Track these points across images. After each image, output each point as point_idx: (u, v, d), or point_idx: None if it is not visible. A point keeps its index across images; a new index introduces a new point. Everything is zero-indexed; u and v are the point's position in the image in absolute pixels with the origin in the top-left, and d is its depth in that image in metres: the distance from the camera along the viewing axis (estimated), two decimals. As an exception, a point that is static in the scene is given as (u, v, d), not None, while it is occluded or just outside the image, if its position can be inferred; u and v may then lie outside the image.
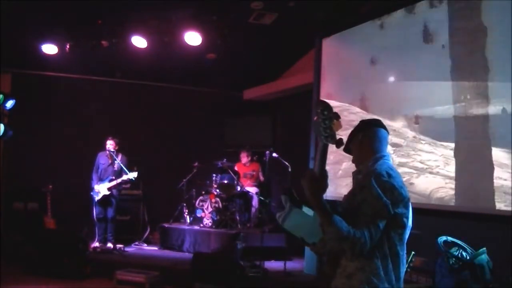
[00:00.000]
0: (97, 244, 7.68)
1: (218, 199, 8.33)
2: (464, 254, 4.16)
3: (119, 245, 7.83)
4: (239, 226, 8.05)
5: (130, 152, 8.12)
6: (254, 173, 8.86)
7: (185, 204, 8.76)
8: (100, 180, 7.76)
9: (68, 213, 8.17)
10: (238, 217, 8.15)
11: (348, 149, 2.46)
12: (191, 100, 9.99)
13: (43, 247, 6.76)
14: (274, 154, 7.82)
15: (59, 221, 8.29)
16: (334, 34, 7.09)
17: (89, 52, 7.78)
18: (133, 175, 7.64)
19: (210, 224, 8.17)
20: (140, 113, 9.52)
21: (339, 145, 2.21)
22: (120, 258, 7.28)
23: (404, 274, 2.30)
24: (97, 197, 7.67)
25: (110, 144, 7.82)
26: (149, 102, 9.67)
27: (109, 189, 7.67)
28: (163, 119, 9.65)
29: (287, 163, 7.69)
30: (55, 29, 7.53)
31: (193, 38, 7.42)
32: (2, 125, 5.93)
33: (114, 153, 7.80)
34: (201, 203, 8.56)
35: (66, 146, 8.92)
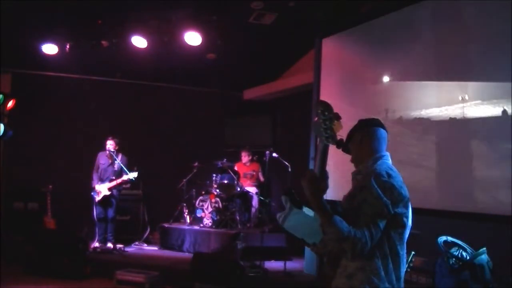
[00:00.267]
0: (97, 244, 7.68)
1: (218, 199, 8.33)
2: (464, 254, 4.16)
3: (119, 245, 7.83)
4: (239, 226, 8.05)
5: (130, 152, 8.12)
6: (254, 173, 8.85)
7: (185, 204, 8.76)
8: (100, 180, 7.76)
9: (68, 213, 8.18)
10: (238, 217, 8.15)
11: (347, 149, 2.45)
12: (191, 100, 9.99)
13: (43, 247, 6.76)
14: (274, 154, 7.82)
15: (59, 221, 8.29)
16: (334, 34, 7.09)
17: (89, 52, 7.79)
18: (133, 175, 7.64)
19: (210, 224, 8.17)
20: (140, 113, 9.51)
21: (339, 145, 2.21)
22: (120, 258, 7.28)
23: (404, 274, 2.30)
24: (98, 197, 7.67)
25: (110, 144, 7.82)
26: (149, 102, 9.67)
27: (109, 189, 7.67)
28: (163, 119, 9.65)
29: (287, 163, 7.69)
30: (55, 29, 7.54)
31: (193, 38, 7.42)
32: (2, 125, 5.92)
33: (114, 153, 7.80)
34: (201, 203, 8.56)
35: (66, 146, 8.92)
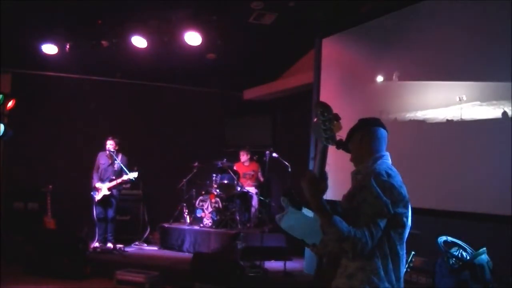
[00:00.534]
0: (97, 244, 7.68)
1: (218, 199, 8.33)
2: (464, 254, 4.15)
3: (119, 245, 7.83)
4: (239, 226, 8.05)
5: (130, 152, 8.12)
6: (254, 173, 8.85)
7: (185, 204, 8.76)
8: (100, 180, 7.76)
9: (68, 213, 8.18)
10: (238, 217, 8.15)
11: (347, 148, 2.44)
12: (191, 100, 9.99)
13: (43, 247, 6.76)
14: (274, 154, 7.82)
15: (59, 221, 8.29)
16: (334, 34, 7.09)
17: (89, 52, 7.80)
18: (133, 175, 7.64)
19: (210, 224, 8.17)
20: (140, 113, 9.51)
21: (339, 146, 2.20)
22: (120, 258, 7.28)
23: (404, 274, 2.30)
24: (97, 195, 7.67)
25: (110, 144, 7.82)
26: (149, 102, 9.67)
27: (109, 189, 7.67)
28: (163, 119, 9.65)
29: (287, 163, 7.69)
30: (55, 29, 7.54)
31: (193, 38, 7.42)
32: (2, 125, 5.92)
33: (114, 153, 7.80)
34: (201, 203, 8.56)
35: (66, 146, 8.92)
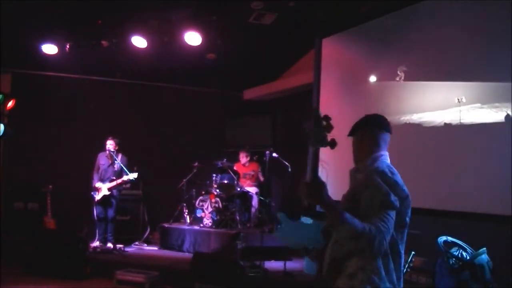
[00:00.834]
0: (97, 244, 7.68)
1: (218, 199, 8.33)
2: (464, 254, 4.16)
3: (119, 245, 7.82)
4: (239, 226, 8.04)
5: (130, 152, 8.11)
6: (254, 173, 8.85)
7: (185, 204, 8.75)
8: (100, 181, 7.75)
9: (68, 213, 8.18)
10: (238, 217, 8.14)
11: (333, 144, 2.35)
12: (191, 100, 9.99)
13: (43, 247, 6.75)
14: (274, 154, 7.83)
15: (59, 221, 8.29)
16: (334, 34, 7.10)
17: (89, 52, 7.79)
18: (134, 175, 7.63)
19: (210, 224, 8.17)
20: (140, 113, 9.51)
21: (333, 146, 2.18)
22: (120, 258, 7.28)
23: (404, 274, 2.30)
24: (97, 195, 7.67)
25: (110, 144, 7.82)
26: (149, 102, 9.66)
27: (109, 189, 7.67)
28: (163, 119, 9.65)
29: (287, 163, 7.69)
30: (55, 29, 7.54)
31: (193, 38, 7.42)
32: (2, 125, 5.93)
33: (114, 153, 7.80)
34: (201, 203, 8.56)
35: (66, 146, 8.91)
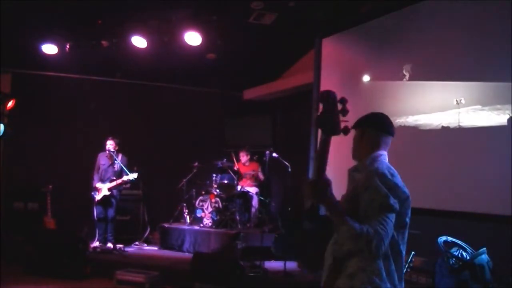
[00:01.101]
0: (97, 244, 7.68)
1: (218, 199, 8.33)
2: (464, 254, 4.16)
3: (119, 245, 7.82)
4: (239, 226, 8.04)
5: (130, 152, 8.11)
6: (254, 173, 8.85)
7: (185, 204, 8.75)
8: (101, 181, 7.75)
9: (68, 213, 8.17)
10: (238, 217, 8.14)
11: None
12: (191, 100, 9.98)
13: (43, 247, 6.75)
14: (274, 154, 7.83)
15: (59, 221, 8.28)
16: (334, 34, 7.10)
17: (89, 52, 7.79)
18: (134, 175, 7.63)
19: (210, 224, 8.17)
20: (140, 113, 9.51)
21: (346, 133, 2.15)
22: (120, 258, 7.28)
23: (404, 274, 2.30)
24: (98, 196, 7.67)
25: (110, 144, 7.81)
26: (149, 102, 9.66)
27: (109, 189, 7.67)
28: (163, 119, 9.64)
29: (287, 163, 7.69)
30: (55, 29, 7.54)
31: (193, 38, 7.41)
32: (2, 125, 5.93)
33: (114, 153, 7.80)
34: (201, 203, 8.56)
35: (66, 146, 8.91)
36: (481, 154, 4.73)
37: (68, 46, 7.71)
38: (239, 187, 8.44)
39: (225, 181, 8.56)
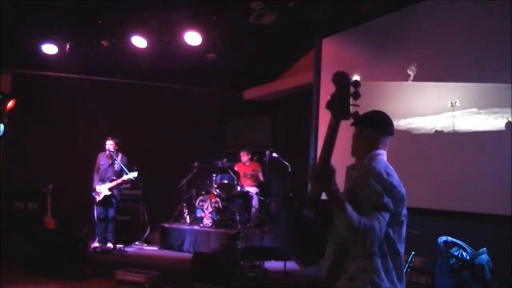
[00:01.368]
0: (97, 244, 7.67)
1: (218, 199, 8.33)
2: (464, 254, 4.16)
3: (119, 245, 7.82)
4: (239, 226, 8.04)
5: (130, 152, 8.11)
6: (254, 173, 8.85)
7: (185, 204, 8.75)
8: (101, 181, 7.75)
9: (68, 213, 8.18)
10: (238, 217, 8.14)
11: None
12: (191, 100, 9.99)
13: (43, 247, 6.75)
14: (274, 154, 7.82)
15: (59, 221, 8.28)
16: (334, 34, 7.10)
17: (89, 52, 7.79)
18: (133, 175, 7.64)
19: (210, 224, 8.17)
20: (140, 113, 9.51)
21: (356, 118, 2.14)
22: (120, 258, 7.28)
23: (404, 274, 2.29)
24: (98, 197, 7.67)
25: (110, 144, 7.81)
26: (149, 102, 9.67)
27: (110, 189, 7.67)
28: (163, 119, 9.65)
29: (287, 163, 7.69)
30: (55, 29, 7.54)
31: (193, 38, 7.42)
32: (2, 125, 5.93)
33: (114, 153, 7.80)
34: (201, 203, 8.56)
35: (66, 146, 8.91)
36: (481, 153, 4.72)
37: (68, 46, 7.71)
38: (239, 187, 8.45)
39: (225, 181, 8.56)
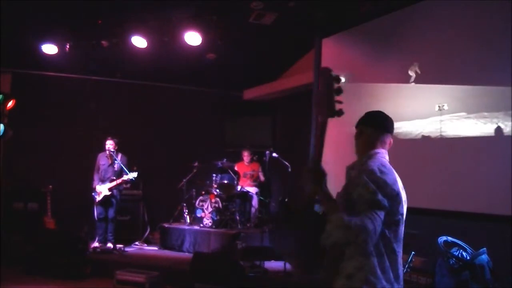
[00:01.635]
0: (97, 244, 7.68)
1: (218, 199, 8.33)
2: (464, 254, 4.16)
3: (119, 245, 7.83)
4: (239, 226, 8.04)
5: (130, 152, 8.11)
6: (254, 172, 8.85)
7: (185, 204, 8.75)
8: (101, 181, 7.76)
9: (68, 213, 8.17)
10: (238, 217, 8.14)
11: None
12: (191, 100, 9.99)
13: (43, 247, 6.76)
14: (274, 154, 7.83)
15: (59, 221, 8.28)
16: (334, 34, 7.09)
17: (89, 52, 7.79)
18: (133, 175, 7.64)
19: (210, 224, 8.17)
20: (140, 113, 9.51)
21: (340, 115, 2.23)
22: (120, 258, 7.28)
23: (403, 274, 2.29)
24: (98, 198, 7.67)
25: (109, 144, 7.82)
26: (149, 102, 9.66)
27: (110, 189, 7.68)
28: (163, 119, 9.65)
29: (287, 163, 7.69)
30: (55, 29, 7.53)
31: (193, 38, 7.41)
32: (2, 125, 5.93)
33: (114, 153, 7.80)
34: (201, 203, 8.56)
35: (66, 146, 8.91)
36: (481, 153, 4.72)
37: (68, 46, 7.70)
38: (239, 187, 8.45)
39: (225, 181, 8.56)
